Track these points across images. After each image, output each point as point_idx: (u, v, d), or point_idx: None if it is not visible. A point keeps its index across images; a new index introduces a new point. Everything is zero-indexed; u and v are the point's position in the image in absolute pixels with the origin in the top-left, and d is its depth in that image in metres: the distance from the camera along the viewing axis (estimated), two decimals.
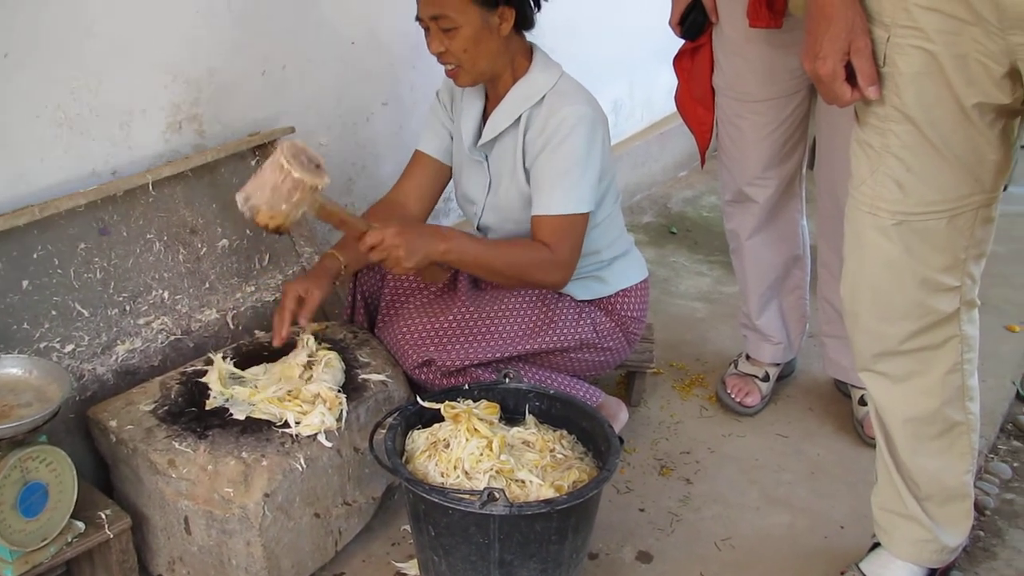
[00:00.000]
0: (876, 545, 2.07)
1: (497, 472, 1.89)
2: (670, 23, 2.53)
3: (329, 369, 2.13)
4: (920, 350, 1.83)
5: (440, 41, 2.18)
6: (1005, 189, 1.77)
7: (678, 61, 2.60)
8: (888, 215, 1.74)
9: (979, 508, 2.30)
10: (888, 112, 1.68)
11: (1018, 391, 2.82)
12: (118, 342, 2.21)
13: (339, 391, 2.07)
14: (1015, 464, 2.54)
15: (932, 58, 1.60)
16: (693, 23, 2.47)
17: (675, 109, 2.68)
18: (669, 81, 2.65)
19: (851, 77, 1.67)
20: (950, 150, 1.66)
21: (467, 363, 2.24)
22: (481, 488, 1.80)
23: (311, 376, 2.10)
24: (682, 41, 2.56)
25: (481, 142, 2.34)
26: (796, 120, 2.50)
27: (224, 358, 2.16)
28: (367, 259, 2.19)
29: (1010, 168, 1.73)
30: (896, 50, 1.63)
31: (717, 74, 2.52)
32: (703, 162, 2.72)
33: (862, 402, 2.61)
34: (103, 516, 1.90)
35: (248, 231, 2.49)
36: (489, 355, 2.26)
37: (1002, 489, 2.44)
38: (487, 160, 2.37)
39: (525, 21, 2.26)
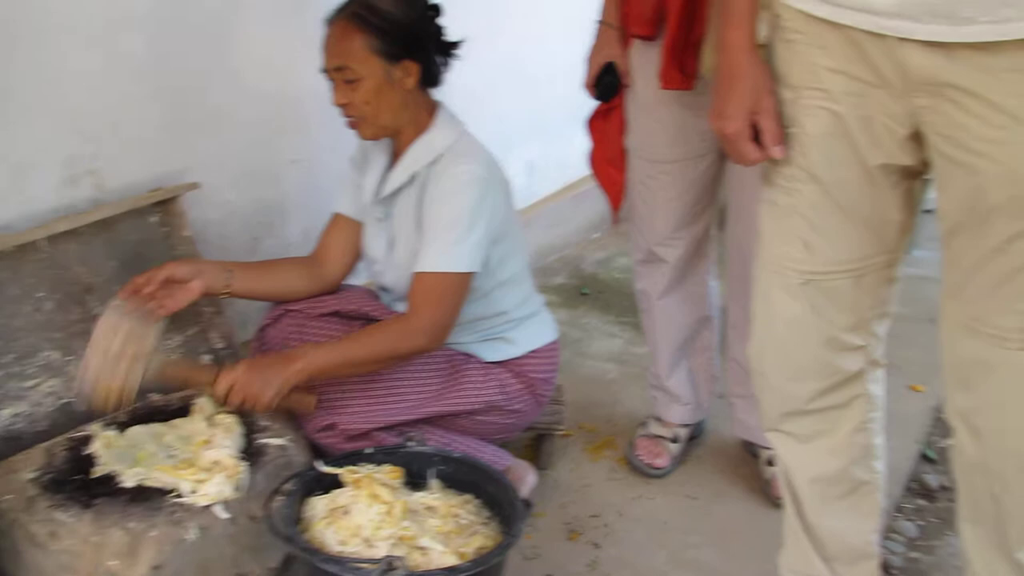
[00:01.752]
0: None
1: (399, 539, 1.82)
2: (584, 85, 2.55)
3: (229, 435, 2.05)
4: (826, 409, 1.83)
5: (344, 93, 2.17)
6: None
7: (591, 122, 2.61)
8: (795, 274, 1.74)
9: (886, 568, 2.29)
10: (794, 172, 1.69)
11: (924, 452, 2.84)
12: (2, 406, 2.10)
13: (241, 457, 1.99)
14: (920, 523, 2.55)
15: (838, 119, 1.61)
16: (607, 85, 2.49)
17: (589, 171, 2.68)
18: (583, 143, 2.66)
19: (758, 137, 1.68)
20: (855, 210, 1.67)
21: (371, 426, 2.18)
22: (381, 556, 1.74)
23: (207, 440, 2.02)
24: (596, 103, 2.57)
25: (379, 197, 2.31)
26: (706, 182, 2.51)
27: (109, 424, 2.07)
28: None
29: (912, 229, 1.75)
30: (803, 111, 1.64)
31: (629, 135, 2.53)
32: (615, 220, 2.72)
33: (769, 463, 2.60)
34: None
35: None
36: (393, 418, 2.20)
37: (908, 548, 2.45)
38: (388, 219, 2.34)
39: (430, 77, 2.25)
